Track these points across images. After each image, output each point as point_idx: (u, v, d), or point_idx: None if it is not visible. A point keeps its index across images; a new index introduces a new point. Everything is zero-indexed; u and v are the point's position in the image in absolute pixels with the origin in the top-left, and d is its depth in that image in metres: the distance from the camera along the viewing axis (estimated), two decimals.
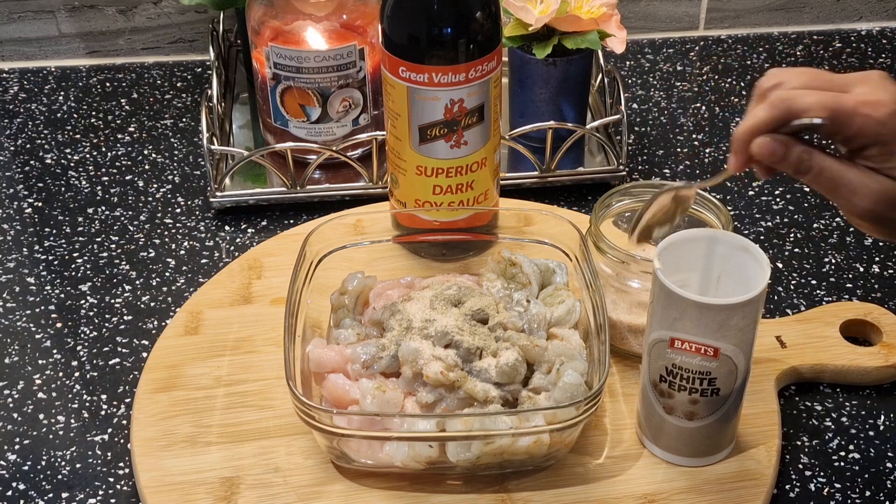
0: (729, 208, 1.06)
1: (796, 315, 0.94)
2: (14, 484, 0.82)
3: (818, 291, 0.98)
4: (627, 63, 1.29)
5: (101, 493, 0.81)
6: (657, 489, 0.79)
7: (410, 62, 0.86)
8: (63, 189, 1.10)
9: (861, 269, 1.00)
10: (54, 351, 0.92)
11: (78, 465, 0.83)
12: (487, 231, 0.95)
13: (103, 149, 1.15)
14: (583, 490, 0.79)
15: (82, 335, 0.94)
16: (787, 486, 0.82)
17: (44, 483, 0.82)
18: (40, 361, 0.92)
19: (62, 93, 1.24)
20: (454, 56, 0.87)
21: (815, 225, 1.06)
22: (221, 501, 0.78)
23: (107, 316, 0.96)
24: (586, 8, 1.05)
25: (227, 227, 1.05)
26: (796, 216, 1.07)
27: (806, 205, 1.08)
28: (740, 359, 0.75)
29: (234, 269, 0.98)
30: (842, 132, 0.67)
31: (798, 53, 1.31)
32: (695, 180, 1.10)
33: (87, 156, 1.14)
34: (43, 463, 0.83)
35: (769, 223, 1.06)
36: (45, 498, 0.81)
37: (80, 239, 1.04)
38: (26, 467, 0.83)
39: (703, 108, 1.22)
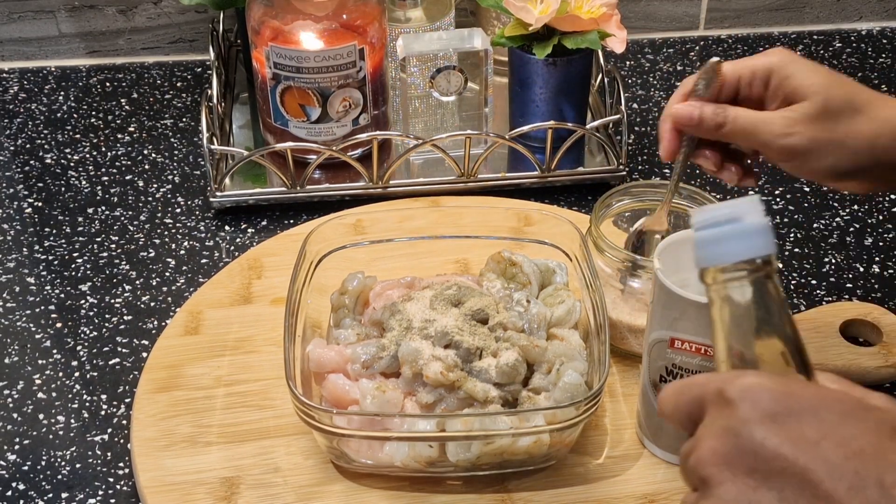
0: None
1: (796, 315, 0.94)
2: (14, 484, 0.82)
3: (818, 291, 0.98)
4: (627, 63, 1.29)
5: (101, 493, 0.81)
6: (657, 489, 0.79)
7: None
8: (63, 189, 1.10)
9: (861, 269, 1.00)
10: (54, 351, 0.92)
11: (78, 465, 0.83)
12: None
13: (103, 149, 1.15)
14: (583, 490, 0.79)
15: (82, 335, 0.94)
16: None
17: (44, 483, 0.82)
18: (40, 361, 0.92)
19: (62, 93, 1.24)
20: None
21: (815, 225, 1.06)
22: (221, 501, 0.78)
23: (107, 316, 0.96)
24: (586, 8, 1.04)
25: (227, 227, 1.05)
26: (796, 216, 1.07)
27: (806, 205, 1.08)
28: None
29: (234, 269, 0.98)
30: (741, 75, 0.74)
31: (798, 53, 1.30)
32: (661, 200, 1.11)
33: (87, 156, 1.14)
34: (43, 463, 0.83)
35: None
36: (45, 498, 0.81)
37: (80, 239, 1.04)
38: (26, 467, 0.83)
39: None
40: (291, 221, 1.06)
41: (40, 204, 1.08)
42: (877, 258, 1.01)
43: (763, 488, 0.46)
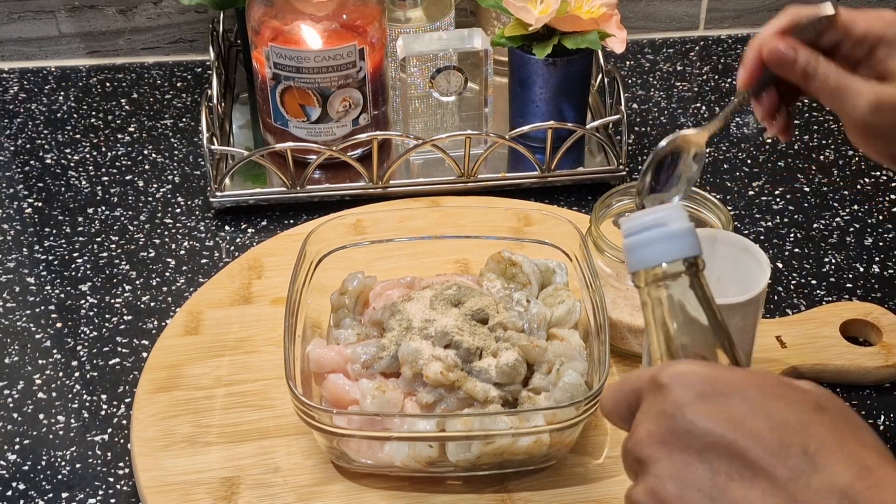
0: (729, 208, 1.06)
1: (796, 315, 0.94)
2: (14, 484, 0.82)
3: (818, 291, 0.98)
4: (627, 63, 1.29)
5: (101, 493, 0.81)
6: None
7: None
8: (63, 189, 1.10)
9: (861, 269, 1.00)
10: (54, 351, 0.92)
11: (78, 465, 0.83)
12: None
13: (103, 149, 1.15)
14: (583, 490, 0.79)
15: (82, 335, 0.94)
16: None
17: (44, 483, 0.82)
18: (40, 361, 0.92)
19: (62, 93, 1.24)
20: None
21: (815, 225, 1.06)
22: (221, 501, 0.78)
23: (107, 316, 0.96)
24: (586, 8, 1.04)
25: (227, 227, 1.05)
26: (796, 216, 1.07)
27: (806, 205, 1.08)
28: (740, 359, 0.75)
29: (234, 269, 0.98)
30: (850, 32, 0.69)
31: None
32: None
33: (87, 156, 1.15)
34: (43, 463, 0.83)
35: (769, 223, 1.06)
36: (45, 498, 0.81)
37: (80, 239, 1.04)
38: (26, 467, 0.83)
39: (703, 108, 1.22)
40: (291, 221, 1.06)
41: (40, 204, 1.08)
42: (877, 258, 1.01)
43: (696, 463, 0.48)
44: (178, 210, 1.07)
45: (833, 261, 1.01)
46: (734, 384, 0.50)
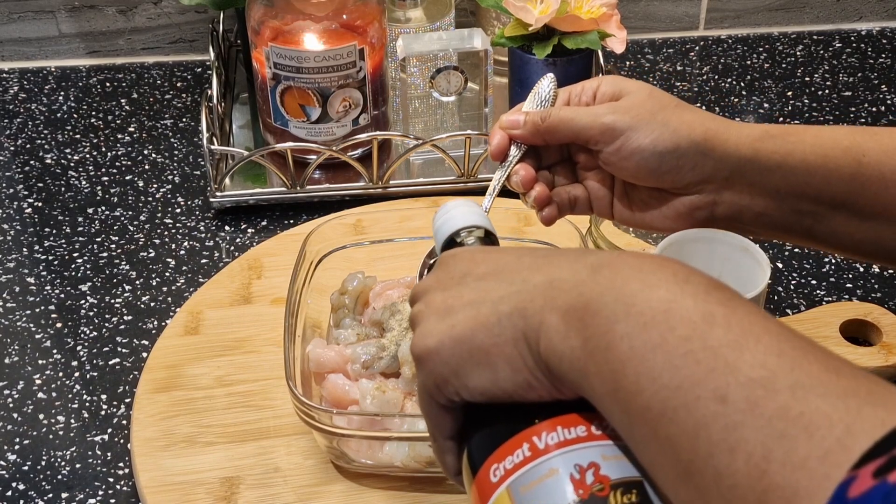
0: None
1: (796, 315, 0.94)
2: (14, 484, 0.82)
3: (818, 291, 0.98)
4: (627, 63, 1.29)
5: (101, 493, 0.81)
6: None
7: None
8: (63, 189, 1.10)
9: (861, 269, 1.00)
10: (54, 351, 0.92)
11: (78, 465, 0.83)
12: None
13: (103, 149, 1.15)
14: None
15: (82, 335, 0.94)
16: None
17: (44, 483, 0.82)
18: (40, 361, 0.92)
19: (62, 93, 1.24)
20: None
21: None
22: (221, 501, 0.78)
23: (107, 316, 0.96)
24: (586, 8, 1.04)
25: (227, 227, 1.05)
26: None
27: None
28: None
29: (234, 269, 0.98)
30: (572, 90, 0.76)
31: (798, 53, 1.31)
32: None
33: (87, 156, 1.15)
34: (43, 463, 0.83)
35: None
36: (45, 498, 0.81)
37: (80, 239, 1.04)
38: (26, 467, 0.83)
39: (703, 108, 1.21)
40: (291, 221, 1.06)
41: (40, 204, 1.08)
42: None
43: (456, 279, 0.57)
44: (178, 210, 1.07)
45: (833, 261, 1.01)
46: (500, 248, 0.60)
